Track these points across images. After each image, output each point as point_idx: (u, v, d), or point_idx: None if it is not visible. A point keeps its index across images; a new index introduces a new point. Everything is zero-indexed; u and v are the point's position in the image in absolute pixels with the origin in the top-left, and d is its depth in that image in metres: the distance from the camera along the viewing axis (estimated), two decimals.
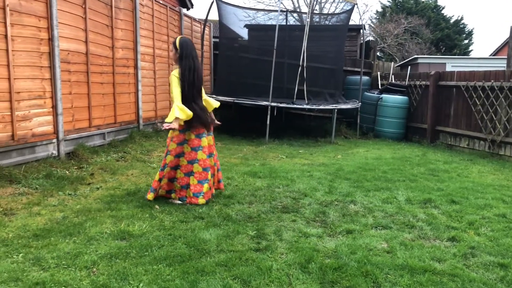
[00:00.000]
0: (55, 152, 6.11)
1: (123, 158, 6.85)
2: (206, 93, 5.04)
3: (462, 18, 33.46)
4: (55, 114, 6.08)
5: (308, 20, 9.61)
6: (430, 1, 33.28)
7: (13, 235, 3.69)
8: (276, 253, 3.53)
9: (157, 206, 4.56)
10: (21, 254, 3.32)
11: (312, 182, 5.86)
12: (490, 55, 29.11)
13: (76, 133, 6.57)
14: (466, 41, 34.01)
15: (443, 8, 34.59)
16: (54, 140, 6.09)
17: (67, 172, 5.73)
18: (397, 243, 3.83)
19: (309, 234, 3.96)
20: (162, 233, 3.82)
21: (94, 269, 3.12)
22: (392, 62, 13.92)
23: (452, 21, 33.12)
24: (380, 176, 6.35)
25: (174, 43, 4.65)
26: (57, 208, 4.43)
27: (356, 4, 10.50)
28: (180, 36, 4.82)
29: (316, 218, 4.44)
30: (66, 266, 3.15)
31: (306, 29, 9.44)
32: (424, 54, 20.34)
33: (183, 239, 3.70)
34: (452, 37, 32.32)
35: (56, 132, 6.10)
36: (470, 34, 34.25)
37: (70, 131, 6.42)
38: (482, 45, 56.36)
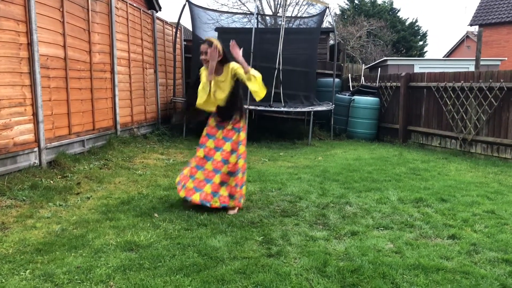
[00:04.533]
0: (36, 161, 5.87)
1: (106, 166, 6.66)
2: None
3: (416, 21, 34.65)
4: (36, 122, 5.84)
5: (284, 23, 9.65)
6: (386, 4, 34.26)
7: (14, 251, 3.52)
8: (290, 258, 3.53)
9: (156, 215, 4.46)
10: (28, 271, 3.17)
11: (303, 185, 5.90)
12: (444, 56, 30.26)
13: (57, 141, 6.34)
14: (421, 43, 35.20)
15: (398, 10, 35.72)
16: (36, 149, 5.84)
17: (51, 181, 5.51)
18: (402, 243, 3.91)
19: (316, 238, 3.98)
20: (170, 242, 3.74)
21: (111, 282, 3.02)
22: (363, 64, 14.23)
23: (407, 23, 34.21)
24: (367, 177, 6.46)
25: (213, 43, 4.55)
26: (52, 220, 4.26)
27: (328, 6, 10.65)
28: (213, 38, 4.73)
29: (318, 221, 4.47)
30: (80, 281, 3.03)
31: (282, 32, 9.49)
32: (385, 56, 20.87)
33: (194, 248, 3.64)
34: (408, 39, 33.36)
35: (37, 140, 5.86)
36: (424, 35, 35.45)
37: (51, 139, 6.19)
38: (436, 46, 58.89)
